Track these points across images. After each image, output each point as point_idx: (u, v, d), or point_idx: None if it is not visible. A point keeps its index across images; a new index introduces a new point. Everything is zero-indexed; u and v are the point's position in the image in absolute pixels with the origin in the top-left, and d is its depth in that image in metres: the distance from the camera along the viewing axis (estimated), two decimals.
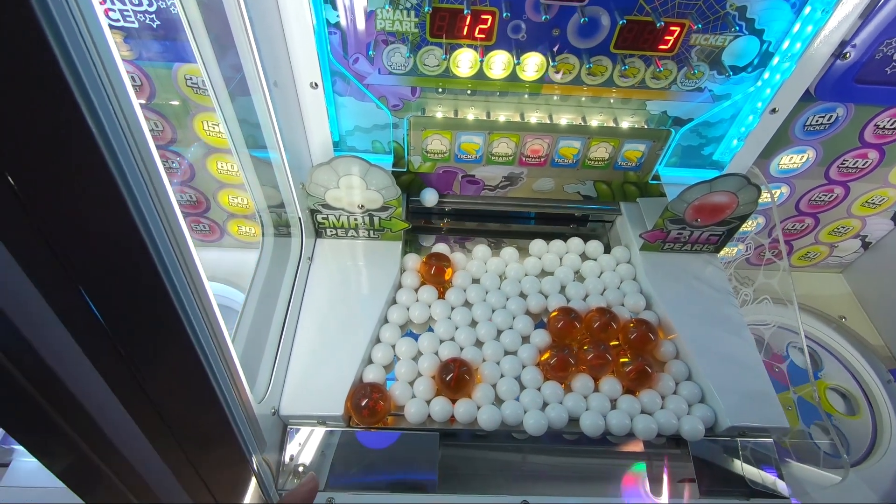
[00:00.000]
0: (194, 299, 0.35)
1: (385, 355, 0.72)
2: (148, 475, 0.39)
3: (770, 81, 0.70)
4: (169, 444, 0.40)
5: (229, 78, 0.58)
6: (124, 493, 0.40)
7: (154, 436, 0.39)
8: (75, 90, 0.23)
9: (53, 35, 0.22)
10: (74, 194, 0.26)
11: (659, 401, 0.69)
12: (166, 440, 0.40)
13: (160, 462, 0.39)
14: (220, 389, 0.38)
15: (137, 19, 0.63)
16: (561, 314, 0.75)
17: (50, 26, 0.22)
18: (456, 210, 0.90)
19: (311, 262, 0.80)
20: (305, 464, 0.65)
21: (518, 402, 0.67)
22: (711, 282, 0.82)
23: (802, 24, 0.64)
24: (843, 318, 1.03)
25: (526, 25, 0.65)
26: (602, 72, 0.70)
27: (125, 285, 0.30)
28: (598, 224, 0.94)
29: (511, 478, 0.67)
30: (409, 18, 0.64)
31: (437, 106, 0.75)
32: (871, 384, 0.93)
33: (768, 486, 0.67)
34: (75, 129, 0.24)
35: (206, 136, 0.79)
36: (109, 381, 0.34)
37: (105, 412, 0.36)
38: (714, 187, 0.72)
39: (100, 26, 0.26)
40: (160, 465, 0.41)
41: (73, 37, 0.23)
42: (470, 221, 0.94)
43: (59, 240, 0.28)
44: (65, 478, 0.38)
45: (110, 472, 0.38)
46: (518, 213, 0.92)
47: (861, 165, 0.87)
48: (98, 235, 0.28)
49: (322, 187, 0.73)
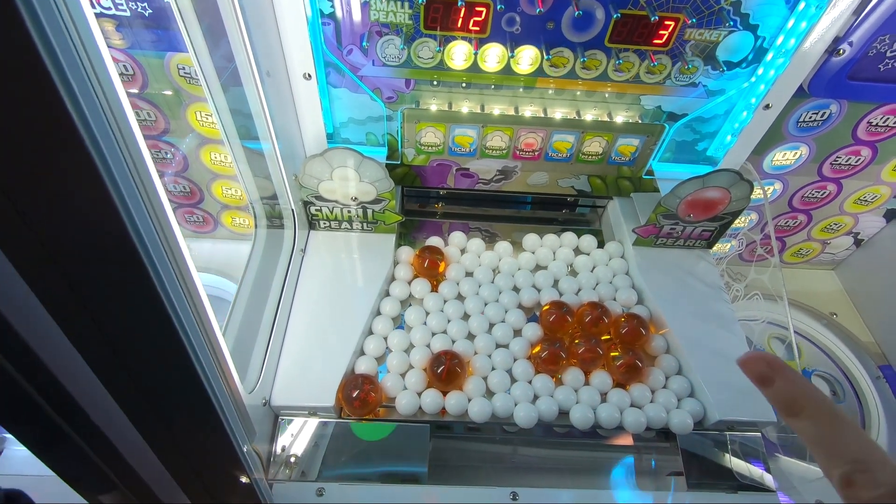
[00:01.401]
0: (182, 290, 0.35)
1: (377, 347, 0.72)
2: (136, 461, 0.40)
3: (764, 77, 0.70)
4: (157, 432, 0.40)
5: (222, 68, 0.58)
6: (111, 478, 0.40)
7: (142, 423, 0.39)
8: (56, 78, 0.23)
9: (34, 24, 0.22)
10: (57, 185, 0.26)
11: (649, 394, 0.70)
12: (155, 427, 0.40)
13: (148, 449, 0.40)
14: (206, 378, 0.38)
15: (129, 7, 0.62)
16: (553, 308, 0.75)
17: (30, 14, 0.21)
18: (450, 194, 0.90)
19: (304, 254, 0.80)
20: (297, 454, 0.65)
21: (509, 395, 0.68)
22: (703, 277, 0.82)
23: (797, 21, 0.64)
24: (833, 314, 1.04)
25: (520, 18, 0.65)
26: (596, 66, 0.70)
27: (110, 275, 0.31)
28: (589, 209, 0.94)
29: (501, 469, 0.67)
30: (403, 10, 0.64)
31: (431, 98, 0.74)
32: (860, 380, 0.94)
33: (756, 479, 0.67)
34: (57, 119, 0.24)
35: (200, 127, 0.79)
36: (96, 370, 0.35)
37: (94, 401, 0.37)
38: (706, 183, 0.72)
39: (82, 12, 0.25)
40: (148, 452, 0.41)
41: (54, 24, 0.23)
42: (465, 205, 0.93)
43: (44, 229, 0.28)
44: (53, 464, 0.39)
45: (97, 458, 0.38)
46: (513, 197, 0.92)
47: (854, 162, 0.87)
48: (82, 225, 0.28)
49: (315, 179, 0.73)
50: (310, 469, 0.64)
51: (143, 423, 0.40)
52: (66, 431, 0.38)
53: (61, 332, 0.32)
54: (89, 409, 0.37)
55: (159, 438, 0.41)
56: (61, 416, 0.37)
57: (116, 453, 0.40)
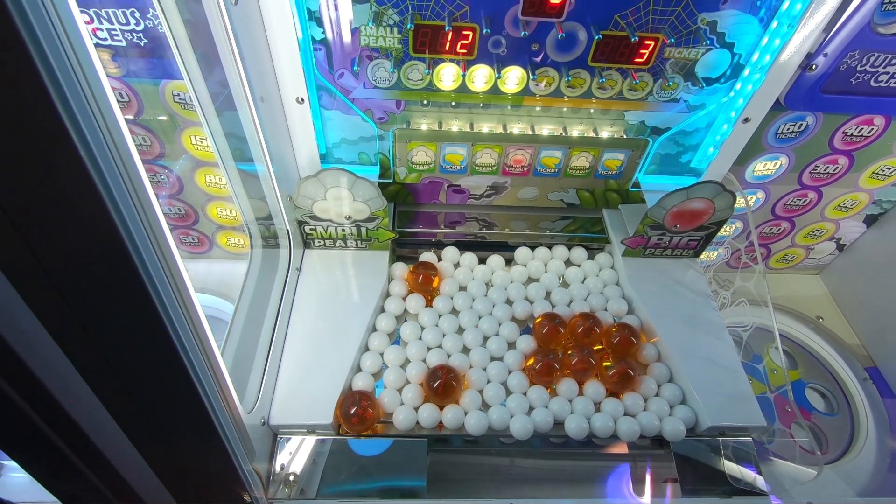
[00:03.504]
0: (182, 312, 0.36)
1: (373, 363, 0.73)
2: (137, 483, 0.40)
3: (742, 92, 0.73)
4: (159, 454, 0.41)
5: (216, 94, 0.59)
6: (112, 500, 0.40)
7: (144, 445, 0.40)
8: (59, 106, 0.24)
9: (38, 54, 0.23)
10: (59, 210, 0.27)
11: (642, 403, 0.71)
12: (156, 449, 0.41)
13: (150, 471, 0.40)
14: (208, 400, 0.39)
15: (125, 38, 0.64)
16: (545, 320, 0.77)
17: (34, 44, 0.23)
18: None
19: (299, 273, 0.81)
20: (296, 472, 0.65)
21: (504, 407, 0.69)
22: (692, 285, 0.84)
23: (770, 38, 0.67)
24: (820, 318, 1.06)
25: (506, 41, 0.67)
26: (581, 84, 0.73)
27: (111, 297, 0.32)
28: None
29: (499, 481, 0.68)
30: (392, 35, 0.66)
31: (421, 118, 0.76)
32: (847, 382, 0.96)
33: (748, 483, 0.69)
34: (60, 146, 0.25)
35: (195, 150, 0.80)
36: (97, 392, 0.35)
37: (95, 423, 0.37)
38: (691, 194, 0.74)
39: (85, 47, 0.27)
40: (150, 473, 0.42)
41: (57, 56, 0.24)
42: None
43: (45, 253, 0.29)
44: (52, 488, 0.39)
45: (98, 480, 0.38)
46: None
47: (832, 171, 0.90)
48: (83, 248, 0.29)
49: (309, 199, 0.74)
50: (309, 487, 0.64)
51: (144, 445, 0.40)
52: (67, 454, 0.38)
53: (63, 353, 0.33)
54: (90, 431, 0.37)
55: (161, 460, 0.42)
56: (61, 438, 0.37)
57: (117, 475, 0.41)
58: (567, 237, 0.90)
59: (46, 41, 0.24)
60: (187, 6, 0.52)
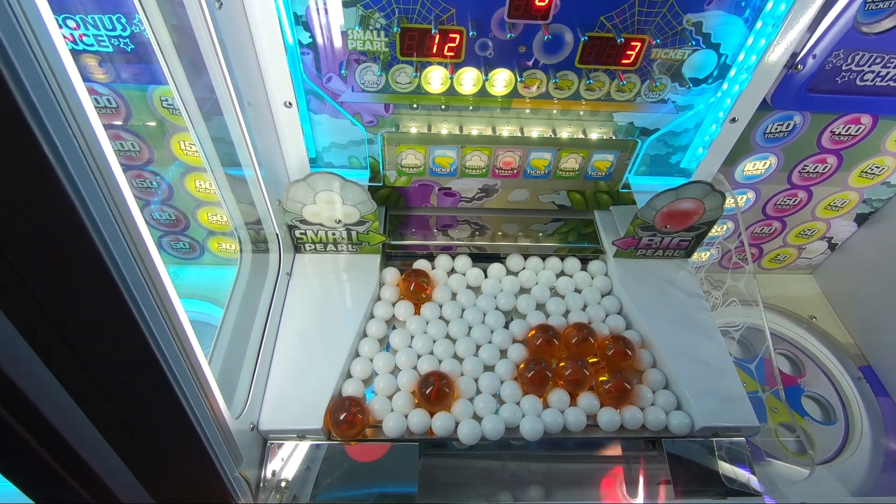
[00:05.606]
0: (163, 318, 0.35)
1: (364, 369, 0.72)
2: (122, 492, 0.40)
3: (729, 92, 0.73)
4: (142, 460, 0.41)
5: (203, 99, 0.59)
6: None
7: (127, 454, 0.39)
8: (26, 112, 0.24)
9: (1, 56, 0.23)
10: (32, 217, 0.27)
11: (639, 415, 0.69)
12: (140, 458, 0.40)
13: (132, 478, 0.40)
14: (189, 406, 0.38)
15: (112, 43, 0.64)
16: (539, 332, 0.75)
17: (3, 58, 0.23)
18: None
19: (290, 277, 0.80)
20: (287, 479, 0.65)
21: (498, 416, 0.67)
22: (683, 286, 0.84)
23: (755, 38, 0.67)
24: (813, 317, 1.06)
25: (493, 43, 0.67)
26: (569, 86, 0.73)
27: (88, 306, 0.31)
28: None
29: (491, 485, 0.67)
30: (379, 38, 0.66)
31: (410, 121, 0.76)
32: (842, 382, 0.96)
33: (742, 483, 0.68)
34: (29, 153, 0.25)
35: (184, 156, 0.80)
36: (79, 402, 0.35)
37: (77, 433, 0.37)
38: (680, 195, 0.74)
39: (55, 48, 0.27)
40: (135, 483, 0.41)
41: (24, 58, 0.24)
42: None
43: (19, 260, 0.28)
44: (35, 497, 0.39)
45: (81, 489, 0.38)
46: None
47: (821, 170, 0.90)
48: (58, 257, 0.29)
49: (299, 203, 0.74)
50: (301, 493, 0.64)
51: (128, 454, 0.40)
52: (49, 462, 0.38)
53: (41, 362, 0.33)
54: (72, 440, 0.37)
55: (144, 466, 0.41)
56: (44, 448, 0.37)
57: (102, 484, 0.40)
58: (556, 248, 0.89)
59: (11, 43, 0.23)
60: (173, 11, 0.52)
